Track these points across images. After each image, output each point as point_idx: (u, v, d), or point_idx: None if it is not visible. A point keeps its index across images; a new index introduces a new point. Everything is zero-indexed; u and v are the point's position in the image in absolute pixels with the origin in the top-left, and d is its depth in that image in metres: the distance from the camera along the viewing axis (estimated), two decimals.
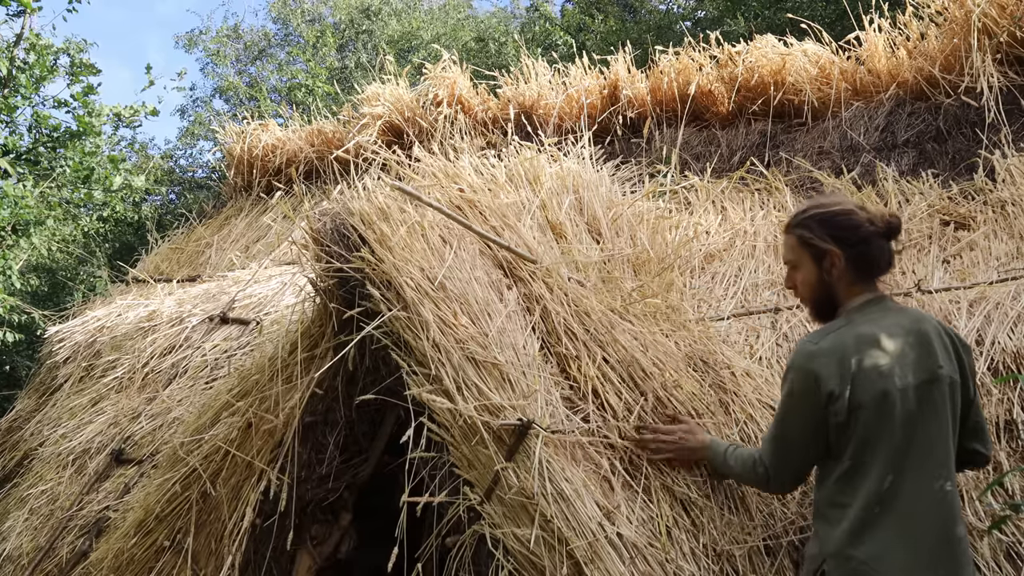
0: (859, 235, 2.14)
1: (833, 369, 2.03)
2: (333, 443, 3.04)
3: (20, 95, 6.52)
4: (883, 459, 1.99)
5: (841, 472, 2.03)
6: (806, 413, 2.08)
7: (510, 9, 17.55)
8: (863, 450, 2.01)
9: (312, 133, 6.55)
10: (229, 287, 4.95)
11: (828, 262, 2.17)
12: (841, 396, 2.01)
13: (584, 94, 5.51)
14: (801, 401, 2.09)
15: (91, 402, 4.44)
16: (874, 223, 2.15)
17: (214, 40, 16.19)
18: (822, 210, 2.21)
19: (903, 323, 2.11)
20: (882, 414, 2.00)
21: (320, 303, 2.89)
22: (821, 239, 2.18)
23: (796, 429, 2.12)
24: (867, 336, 2.06)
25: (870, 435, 2.00)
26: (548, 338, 2.68)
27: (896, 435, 2.00)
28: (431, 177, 3.16)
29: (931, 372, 2.04)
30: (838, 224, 2.17)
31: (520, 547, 2.19)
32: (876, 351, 2.03)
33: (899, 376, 2.01)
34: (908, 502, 1.97)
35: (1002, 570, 2.34)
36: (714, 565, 2.24)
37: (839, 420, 2.02)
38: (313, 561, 3.07)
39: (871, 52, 4.93)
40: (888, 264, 2.19)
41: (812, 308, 2.29)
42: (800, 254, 2.24)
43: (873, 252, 2.15)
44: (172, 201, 13.26)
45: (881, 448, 2.00)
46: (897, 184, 4.24)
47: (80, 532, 3.68)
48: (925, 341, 2.08)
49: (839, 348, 2.05)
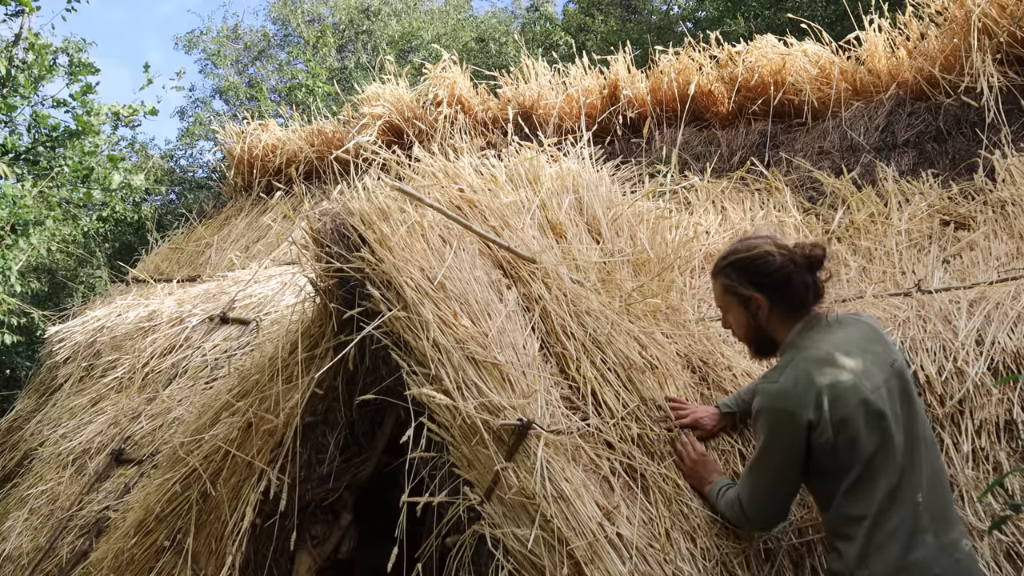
0: (778, 278, 2.15)
1: (803, 399, 2.03)
2: (333, 443, 3.04)
3: (19, 95, 6.51)
4: (885, 461, 2.00)
5: (848, 486, 2.03)
6: (788, 451, 2.07)
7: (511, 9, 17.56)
8: (862, 459, 2.01)
9: (312, 133, 6.55)
10: (229, 287, 4.95)
11: (754, 306, 2.20)
12: (821, 420, 2.01)
13: (584, 94, 5.51)
14: (780, 441, 2.08)
15: (91, 402, 4.44)
16: (794, 260, 2.15)
17: (214, 40, 16.20)
18: (739, 256, 2.22)
19: (848, 334, 2.14)
20: (868, 420, 2.01)
21: (320, 303, 2.89)
22: (742, 286, 2.20)
23: (782, 469, 2.11)
24: (822, 358, 2.07)
25: (864, 443, 2.01)
26: (547, 338, 2.69)
27: (888, 434, 2.01)
28: (431, 177, 3.16)
29: (889, 365, 2.08)
30: (756, 270, 2.18)
31: (520, 547, 2.19)
32: (836, 368, 2.04)
33: (867, 381, 2.04)
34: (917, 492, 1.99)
35: (1002, 570, 2.34)
36: (713, 567, 2.24)
37: (825, 442, 2.02)
38: (313, 561, 3.07)
39: (871, 52, 4.93)
40: (816, 296, 2.18)
41: (751, 348, 2.32)
42: (727, 300, 2.26)
43: (796, 290, 2.16)
44: (172, 201, 13.28)
45: (879, 451, 2.01)
46: (897, 184, 4.24)
47: (80, 532, 3.68)
48: (873, 339, 2.13)
49: (801, 378, 2.05)
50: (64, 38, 7.95)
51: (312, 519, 3.09)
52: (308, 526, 3.07)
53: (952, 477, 2.57)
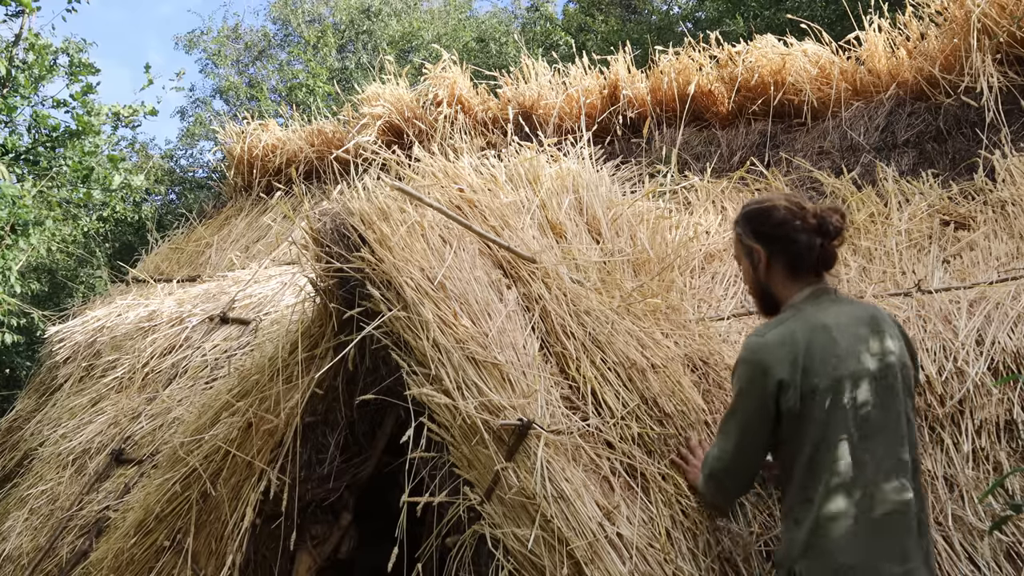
0: (780, 232, 2.17)
1: (782, 357, 2.02)
2: (333, 443, 3.04)
3: (19, 95, 6.51)
4: (841, 444, 1.96)
5: (804, 463, 2.00)
6: (759, 406, 2.05)
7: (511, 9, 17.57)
8: (822, 436, 1.98)
9: (312, 133, 6.55)
10: (229, 287, 4.95)
11: (756, 257, 2.22)
12: (792, 383, 2.00)
13: (584, 94, 5.50)
14: (750, 395, 2.07)
15: (91, 402, 4.44)
16: (803, 219, 2.15)
17: (215, 40, 16.20)
18: (749, 207, 2.26)
19: (855, 312, 2.12)
20: (837, 398, 1.99)
21: (320, 303, 2.89)
22: (748, 237, 2.24)
23: (751, 424, 2.08)
24: (817, 324, 2.06)
25: (828, 419, 1.98)
26: (547, 338, 2.69)
27: (852, 419, 1.98)
28: (431, 177, 3.16)
29: (884, 358, 2.05)
30: (760, 221, 2.21)
31: (520, 547, 2.19)
32: (827, 338, 2.04)
33: (853, 361, 2.02)
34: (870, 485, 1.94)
35: (1002, 570, 2.33)
36: (713, 565, 2.24)
37: (791, 407, 2.00)
38: (313, 561, 3.07)
39: (871, 52, 4.93)
40: (821, 261, 2.16)
41: (756, 303, 2.34)
42: (738, 251, 2.30)
43: (798, 249, 2.15)
44: (172, 201, 13.27)
45: (839, 433, 1.97)
46: (897, 184, 4.23)
47: (80, 532, 3.68)
48: (877, 329, 2.09)
49: (787, 337, 2.05)
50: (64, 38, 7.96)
51: (312, 519, 3.09)
52: (308, 526, 3.07)
53: (952, 477, 2.57)
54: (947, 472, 2.58)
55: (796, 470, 2.02)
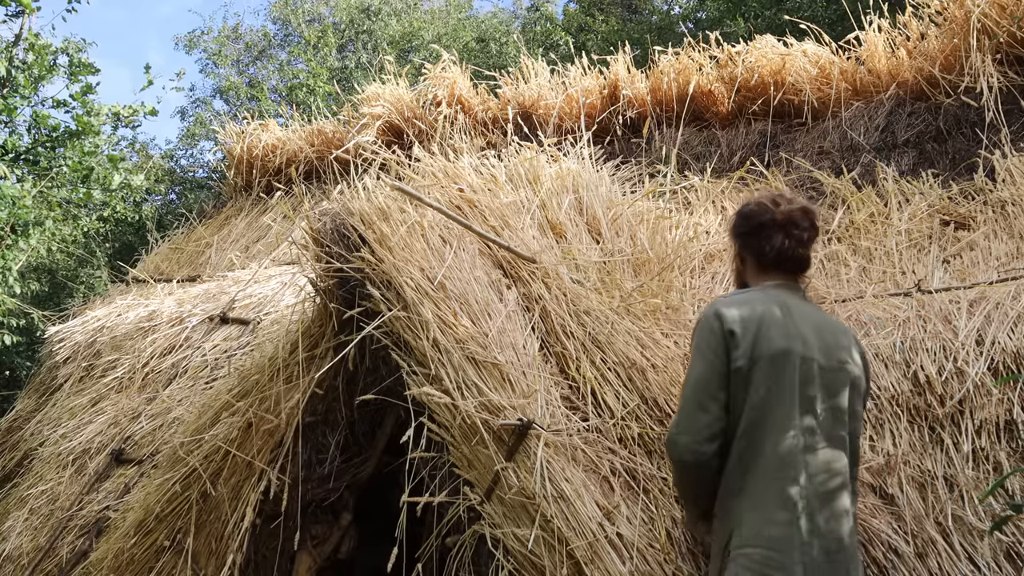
0: (749, 226, 2.24)
1: (737, 316, 2.06)
2: (333, 443, 3.04)
3: (19, 95, 6.50)
4: (774, 425, 1.98)
5: (740, 433, 2.01)
6: (711, 359, 2.05)
7: (511, 9, 17.57)
8: (758, 411, 1.99)
9: (312, 133, 6.55)
10: (229, 287, 4.95)
11: (734, 253, 2.32)
12: (743, 341, 2.02)
13: (584, 94, 5.50)
14: (706, 344, 2.07)
15: (91, 402, 4.44)
16: (772, 215, 2.19)
17: (215, 40, 16.19)
18: (738, 207, 2.35)
19: (820, 315, 2.18)
20: (780, 373, 2.00)
21: (320, 303, 2.89)
22: (729, 234, 2.35)
23: (705, 374, 2.05)
24: (779, 301, 2.11)
25: (767, 394, 2.00)
26: (547, 338, 2.69)
27: (790, 398, 2.00)
28: (431, 177, 3.16)
29: (839, 361, 2.09)
30: (738, 219, 2.30)
31: (520, 547, 2.19)
32: (785, 314, 2.08)
33: (803, 346, 2.04)
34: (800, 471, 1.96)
35: (1002, 570, 2.33)
36: None
37: (740, 368, 2.01)
38: (313, 561, 3.07)
39: (871, 52, 4.93)
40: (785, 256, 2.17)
41: None
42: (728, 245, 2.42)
43: (760, 242, 2.20)
44: (172, 201, 13.27)
45: (775, 412, 1.99)
46: (897, 184, 4.23)
47: (80, 532, 3.68)
48: (836, 333, 2.14)
49: (747, 303, 2.11)
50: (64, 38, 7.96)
51: (312, 519, 3.09)
52: (308, 526, 3.07)
53: (952, 477, 2.57)
54: (947, 472, 2.58)
55: (734, 443, 2.03)
